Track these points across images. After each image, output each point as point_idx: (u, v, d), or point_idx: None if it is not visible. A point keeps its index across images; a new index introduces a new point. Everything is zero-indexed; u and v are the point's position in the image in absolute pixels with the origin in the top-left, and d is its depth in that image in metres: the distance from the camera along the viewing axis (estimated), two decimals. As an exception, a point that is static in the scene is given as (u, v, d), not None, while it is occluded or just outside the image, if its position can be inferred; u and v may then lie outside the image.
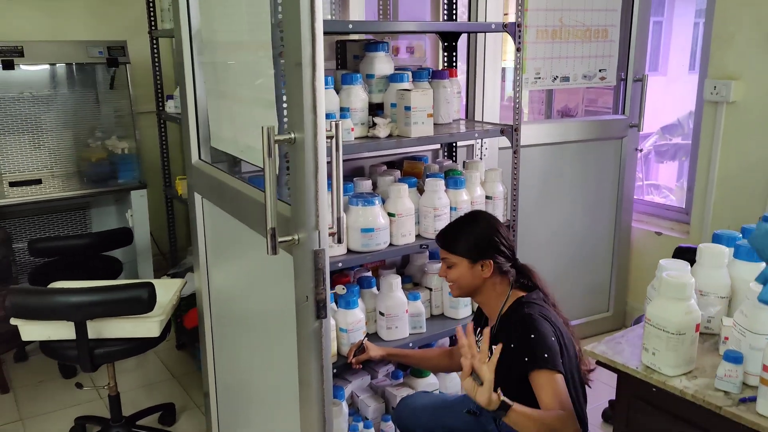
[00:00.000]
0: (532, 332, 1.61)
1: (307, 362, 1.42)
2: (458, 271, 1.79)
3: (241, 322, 1.97)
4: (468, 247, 1.77)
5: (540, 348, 1.59)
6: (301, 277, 1.40)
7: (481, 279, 1.77)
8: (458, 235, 1.79)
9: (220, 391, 2.22)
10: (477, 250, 1.76)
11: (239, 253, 1.88)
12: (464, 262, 1.77)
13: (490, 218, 1.86)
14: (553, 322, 1.68)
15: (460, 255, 1.78)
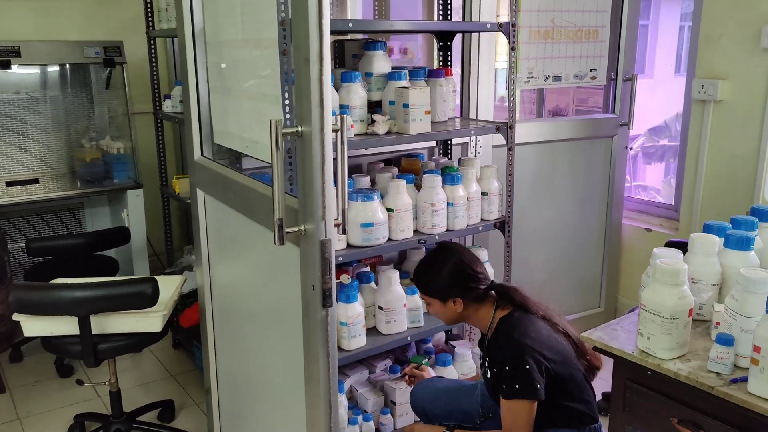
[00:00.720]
0: (507, 362, 1.66)
1: (314, 350, 1.46)
2: (434, 308, 1.87)
3: (244, 317, 2.01)
4: (435, 288, 1.83)
5: (513, 379, 1.64)
6: (308, 267, 1.43)
7: (458, 313, 1.84)
8: (425, 277, 1.87)
9: (222, 387, 2.25)
10: (444, 290, 1.81)
11: (243, 247, 1.91)
12: (436, 301, 1.85)
13: (453, 253, 1.86)
14: (535, 339, 1.69)
15: (430, 296, 1.86)
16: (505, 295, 1.80)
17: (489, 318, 1.81)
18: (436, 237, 2.28)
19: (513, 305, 1.79)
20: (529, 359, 1.63)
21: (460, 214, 2.31)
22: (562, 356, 1.71)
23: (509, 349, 1.67)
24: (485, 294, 1.82)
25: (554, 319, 1.79)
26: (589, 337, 1.47)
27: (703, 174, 2.97)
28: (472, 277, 1.81)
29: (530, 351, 1.64)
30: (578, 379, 1.75)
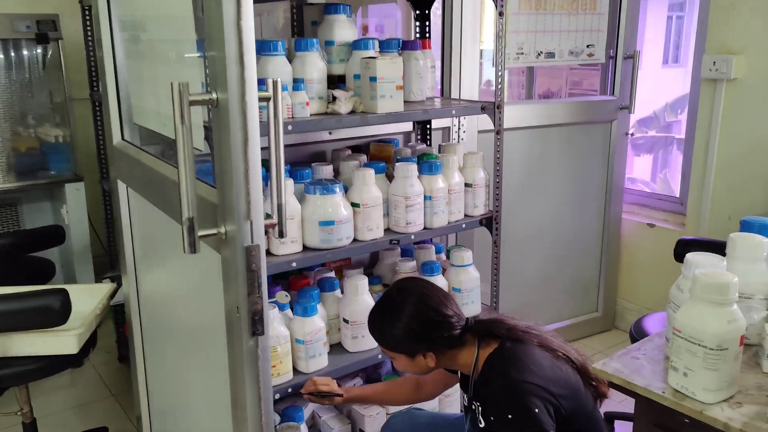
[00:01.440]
0: (508, 409, 1.32)
1: (240, 390, 1.10)
2: (401, 364, 1.51)
3: (174, 335, 1.64)
4: (396, 343, 1.47)
5: (518, 428, 1.31)
6: (231, 283, 1.07)
7: (430, 367, 1.48)
8: (382, 330, 1.50)
9: (155, 415, 1.88)
10: (409, 345, 1.46)
11: (169, 252, 1.55)
12: (401, 357, 1.49)
13: (413, 295, 1.47)
14: (537, 374, 1.35)
15: (393, 351, 1.50)
16: (487, 331, 1.46)
17: (472, 359, 1.46)
18: (412, 236, 1.92)
19: (499, 337, 1.44)
20: (535, 400, 1.29)
21: (440, 209, 1.95)
22: (570, 389, 1.37)
23: (508, 392, 1.33)
24: (462, 336, 1.46)
25: (552, 345, 1.44)
26: (603, 371, 1.13)
27: (714, 162, 2.63)
28: (440, 324, 1.44)
29: (535, 390, 1.31)
30: (589, 411, 1.41)
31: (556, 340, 1.46)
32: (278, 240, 1.70)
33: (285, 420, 1.89)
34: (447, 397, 2.16)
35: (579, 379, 1.42)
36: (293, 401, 2.06)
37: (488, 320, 1.47)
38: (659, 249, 2.93)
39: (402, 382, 1.80)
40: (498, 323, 1.44)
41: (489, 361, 1.42)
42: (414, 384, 1.76)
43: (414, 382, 1.76)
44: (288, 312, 1.87)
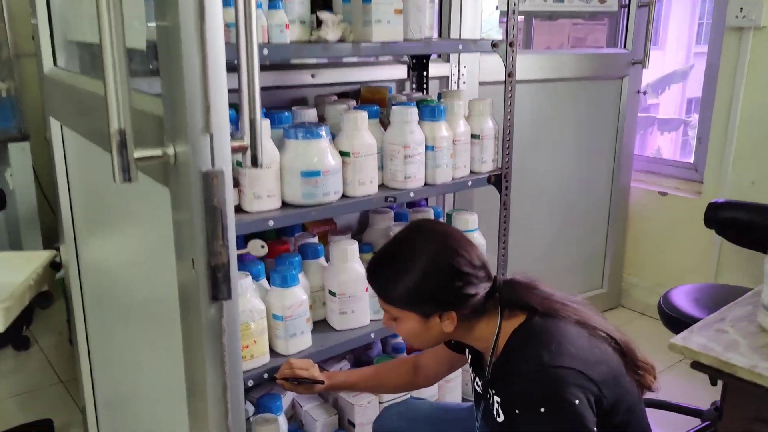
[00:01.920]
0: (541, 401, 1.02)
1: (198, 375, 0.79)
2: (406, 326, 1.17)
3: (122, 310, 1.32)
4: (409, 297, 1.13)
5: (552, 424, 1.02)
6: (183, 227, 0.76)
7: (444, 333, 1.16)
8: (391, 280, 1.15)
9: (102, 406, 1.57)
10: (427, 301, 1.13)
11: (112, 206, 1.22)
12: (411, 316, 1.15)
13: (437, 236, 1.17)
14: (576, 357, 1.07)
15: (402, 308, 1.15)
16: (517, 298, 1.16)
17: (492, 333, 1.15)
18: (411, 194, 1.63)
19: (528, 309, 1.15)
20: (575, 390, 1.01)
21: (444, 162, 1.66)
22: (612, 374, 1.09)
23: (540, 379, 1.04)
24: (486, 301, 1.16)
25: (592, 321, 1.16)
26: (686, 347, 0.84)
27: (738, 122, 2.38)
28: (468, 278, 1.12)
29: (574, 377, 1.02)
30: (632, 402, 1.14)
31: (596, 316, 1.18)
32: (251, 192, 1.39)
33: (260, 411, 1.59)
34: (447, 383, 1.88)
35: (621, 363, 1.14)
36: (270, 388, 1.76)
37: (522, 284, 1.18)
38: (671, 220, 2.69)
39: (397, 365, 1.51)
40: (533, 290, 1.16)
41: (514, 337, 1.13)
42: (411, 367, 1.47)
43: (411, 365, 1.47)
44: (263, 282, 1.56)
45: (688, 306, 1.75)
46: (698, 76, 5.84)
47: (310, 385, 1.45)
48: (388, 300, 1.16)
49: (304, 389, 1.46)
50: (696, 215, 2.57)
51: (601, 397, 1.04)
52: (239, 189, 1.40)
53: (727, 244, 2.49)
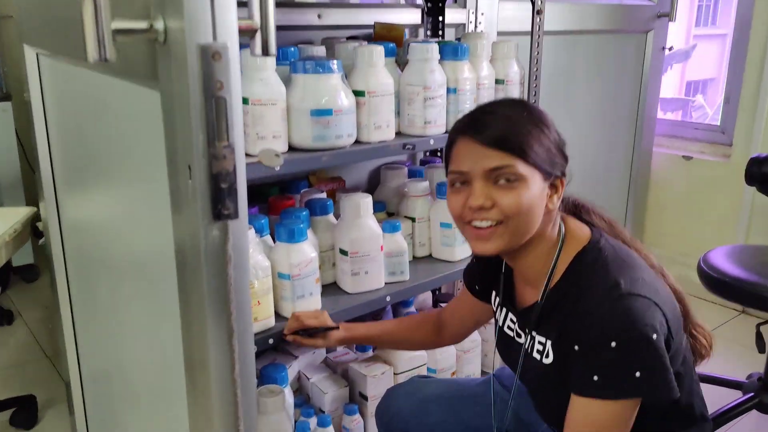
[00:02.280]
0: (615, 335, 0.86)
1: (198, 325, 0.64)
2: (527, 192, 0.92)
3: (111, 272, 1.15)
4: (545, 152, 0.93)
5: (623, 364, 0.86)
6: (178, 123, 0.60)
7: (542, 214, 0.96)
8: (531, 129, 0.93)
9: (88, 381, 1.41)
10: (556, 157, 0.95)
11: (96, 139, 1.05)
12: (537, 178, 0.93)
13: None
14: (651, 288, 0.92)
15: (533, 163, 0.92)
16: (581, 210, 1.03)
17: (555, 248, 0.98)
18: (431, 141, 1.47)
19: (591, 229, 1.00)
20: (654, 324, 0.86)
21: (467, 107, 1.49)
22: (677, 317, 0.95)
23: (613, 308, 0.87)
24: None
25: (652, 261, 1.02)
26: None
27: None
28: (565, 157, 0.98)
29: (652, 310, 0.87)
30: (688, 357, 1.00)
31: (657, 261, 1.03)
32: (254, 133, 1.22)
33: (264, 382, 1.44)
34: (466, 353, 1.73)
35: (681, 314, 0.99)
36: (273, 358, 1.60)
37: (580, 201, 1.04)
38: (695, 185, 2.54)
39: (421, 320, 1.34)
40: (596, 211, 1.03)
41: (579, 260, 0.95)
42: (436, 322, 1.31)
43: (435, 321, 1.31)
44: (267, 239, 1.40)
45: (730, 267, 1.61)
46: (699, 57, 5.68)
47: (323, 335, 1.28)
48: (521, 152, 0.92)
49: (321, 341, 1.29)
50: (724, 179, 2.42)
51: (669, 337, 0.89)
52: (240, 129, 1.23)
53: (758, 207, 2.34)
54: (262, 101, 1.22)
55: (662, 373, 0.87)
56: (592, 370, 0.87)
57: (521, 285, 1.06)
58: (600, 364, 0.86)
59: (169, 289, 0.70)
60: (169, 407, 0.87)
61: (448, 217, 1.62)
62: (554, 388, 0.96)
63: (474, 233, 0.94)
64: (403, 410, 1.21)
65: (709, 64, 8.12)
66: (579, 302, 0.91)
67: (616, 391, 0.86)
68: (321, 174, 1.81)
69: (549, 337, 0.97)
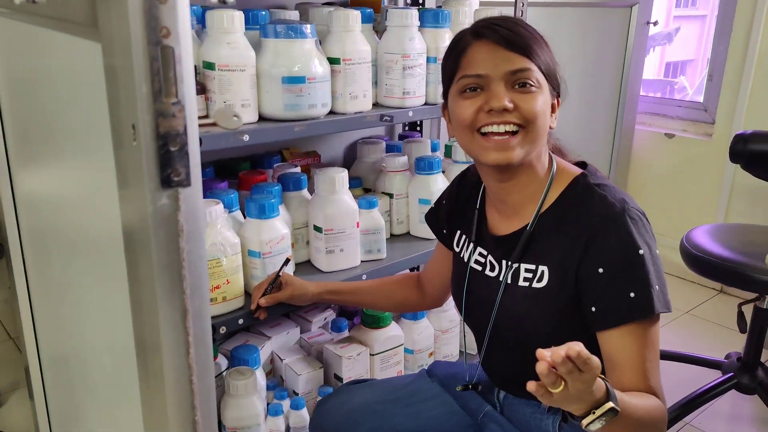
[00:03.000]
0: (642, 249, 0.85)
1: (148, 307, 0.57)
2: (542, 98, 0.91)
3: (66, 250, 1.07)
4: (552, 64, 0.94)
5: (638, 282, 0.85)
6: (120, 77, 0.53)
7: (548, 130, 0.95)
8: (539, 40, 0.93)
9: (48, 365, 1.34)
10: (558, 76, 0.96)
11: (45, 107, 0.97)
12: (547, 88, 0.93)
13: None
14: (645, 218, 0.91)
15: (546, 74, 0.92)
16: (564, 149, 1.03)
17: (547, 174, 0.97)
18: (409, 113, 1.40)
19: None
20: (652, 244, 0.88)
21: (448, 78, 1.42)
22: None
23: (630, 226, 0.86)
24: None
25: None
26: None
27: (756, 55, 2.19)
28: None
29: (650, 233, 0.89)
30: None
31: None
32: (222, 100, 1.14)
33: (235, 364, 1.38)
34: (444, 333, 1.69)
35: None
36: (245, 339, 1.54)
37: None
38: (676, 163, 2.51)
39: (402, 279, 1.28)
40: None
41: (577, 185, 0.94)
42: (416, 283, 1.26)
43: (416, 282, 1.26)
44: (237, 214, 1.33)
45: (713, 245, 1.58)
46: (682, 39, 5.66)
47: (298, 288, 1.20)
48: (538, 59, 0.91)
49: (290, 293, 1.20)
50: (705, 157, 2.40)
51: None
52: (206, 96, 1.16)
53: (738, 185, 2.33)
54: (230, 66, 1.14)
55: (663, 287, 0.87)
56: (628, 287, 0.84)
57: (496, 217, 1.02)
58: (636, 277, 0.84)
59: (120, 266, 0.64)
60: (124, 393, 0.81)
61: (427, 194, 1.57)
62: (538, 310, 0.93)
63: (492, 142, 0.90)
64: (329, 426, 1.15)
65: (689, 46, 8.14)
66: (589, 225, 0.87)
67: (654, 304, 0.84)
68: (295, 149, 1.74)
69: (542, 262, 0.92)
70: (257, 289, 1.22)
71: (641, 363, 0.85)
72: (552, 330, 0.92)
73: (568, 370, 0.68)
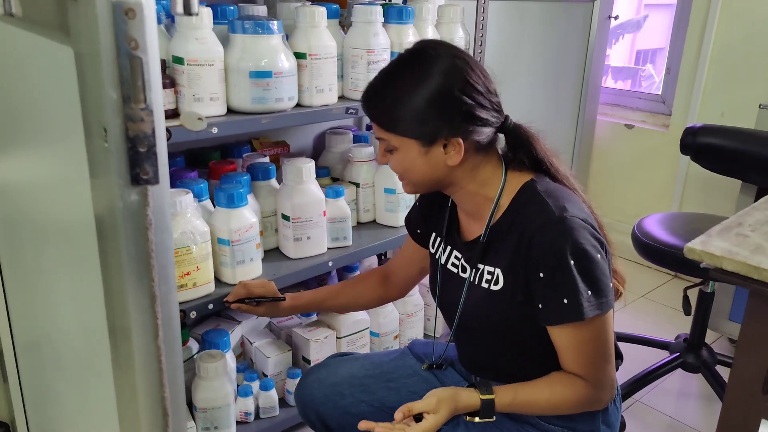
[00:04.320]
0: (573, 256, 0.90)
1: (118, 297, 0.63)
2: (403, 158, 0.98)
3: (37, 237, 1.11)
4: (414, 118, 0.94)
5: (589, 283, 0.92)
6: (90, 84, 0.58)
7: (446, 168, 0.98)
8: (394, 97, 0.95)
9: (21, 350, 1.37)
10: (432, 123, 0.94)
11: (17, 103, 1.00)
12: (412, 145, 0.96)
13: (449, 53, 0.96)
14: (587, 213, 0.97)
15: (402, 134, 0.96)
16: (524, 144, 1.01)
17: (498, 182, 1.00)
18: (374, 106, 1.45)
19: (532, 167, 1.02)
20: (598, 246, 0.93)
21: (411, 72, 1.48)
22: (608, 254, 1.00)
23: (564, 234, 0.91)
24: (493, 140, 1.00)
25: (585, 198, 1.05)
26: (706, 251, 0.72)
27: (710, 52, 2.28)
28: (481, 97, 0.95)
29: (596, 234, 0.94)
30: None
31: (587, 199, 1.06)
32: (191, 94, 1.19)
33: (206, 348, 1.44)
34: (409, 317, 1.77)
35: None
36: (216, 324, 1.60)
37: (530, 133, 1.02)
38: (636, 153, 2.61)
39: (365, 278, 1.33)
40: (536, 140, 1.01)
41: (525, 192, 0.98)
42: (380, 278, 1.31)
43: (379, 276, 1.31)
44: (207, 203, 1.38)
45: (662, 233, 1.67)
46: (651, 27, 5.77)
47: (271, 305, 1.28)
48: (388, 125, 0.96)
49: (265, 309, 1.29)
50: (662, 148, 2.50)
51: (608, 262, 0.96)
52: (176, 90, 1.20)
53: (692, 177, 2.44)
54: (199, 61, 1.18)
55: (608, 287, 0.93)
56: (560, 294, 0.91)
57: (466, 220, 1.08)
58: (566, 286, 0.90)
59: (91, 255, 0.68)
60: (96, 376, 0.86)
61: (393, 183, 1.64)
62: (498, 311, 1.00)
63: None
64: (316, 397, 1.20)
65: (659, 34, 8.30)
66: (529, 230, 0.94)
67: (583, 311, 0.90)
68: (264, 139, 1.78)
69: (498, 265, 0.99)
70: (241, 288, 1.28)
71: (579, 355, 0.95)
72: (513, 324, 0.99)
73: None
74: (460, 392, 1.00)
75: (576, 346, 0.95)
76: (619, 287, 1.09)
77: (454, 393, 0.99)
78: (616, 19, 2.55)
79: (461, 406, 0.99)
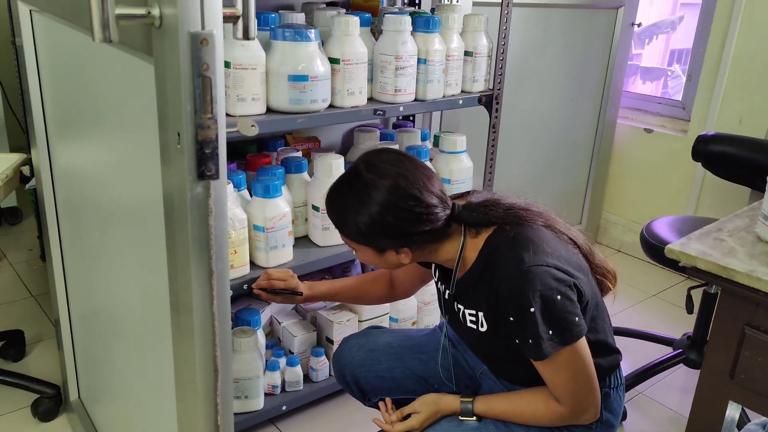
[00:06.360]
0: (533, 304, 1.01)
1: (183, 265, 0.75)
2: (363, 256, 1.14)
3: (101, 218, 1.26)
4: (362, 235, 1.09)
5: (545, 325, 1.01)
6: (170, 95, 0.71)
7: (400, 264, 1.13)
8: (344, 215, 1.10)
9: (77, 320, 1.53)
10: (378, 238, 1.09)
11: (91, 94, 1.14)
12: (367, 249, 1.12)
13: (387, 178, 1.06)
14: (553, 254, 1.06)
15: (356, 242, 1.12)
16: (479, 219, 1.11)
17: (456, 251, 1.12)
18: (400, 108, 1.57)
19: (495, 223, 1.11)
20: (559, 286, 1.01)
21: (436, 77, 1.60)
22: (583, 273, 1.10)
23: (524, 280, 1.01)
24: (446, 228, 1.11)
25: (557, 225, 1.15)
26: (683, 252, 0.83)
27: (731, 58, 2.35)
28: (421, 216, 1.06)
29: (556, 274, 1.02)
30: (599, 299, 1.16)
31: (560, 219, 1.17)
32: (235, 94, 1.32)
33: (239, 325, 1.58)
34: (426, 305, 1.89)
35: (587, 266, 1.14)
36: (248, 303, 1.74)
37: (480, 205, 1.12)
38: (654, 157, 2.68)
39: (376, 277, 1.46)
40: (493, 205, 1.11)
41: (487, 249, 1.10)
42: (387, 280, 1.44)
43: (387, 278, 1.44)
44: (245, 193, 1.51)
45: (670, 235, 1.76)
46: (686, 28, 5.76)
47: (288, 296, 1.42)
48: (343, 233, 1.13)
49: (282, 299, 1.43)
50: (680, 153, 2.57)
51: (580, 291, 1.04)
52: (222, 90, 1.33)
53: (708, 182, 2.50)
54: (243, 65, 1.31)
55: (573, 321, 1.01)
56: (527, 336, 1.02)
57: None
58: (530, 330, 1.01)
59: (157, 236, 0.82)
60: (154, 341, 1.00)
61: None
62: (493, 348, 1.14)
63: None
64: (354, 360, 1.34)
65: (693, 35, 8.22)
66: (495, 282, 1.05)
67: (543, 351, 1.01)
68: (298, 134, 1.91)
69: (479, 309, 1.11)
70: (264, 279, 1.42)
71: (554, 385, 1.07)
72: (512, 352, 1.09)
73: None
74: (443, 397, 1.18)
75: (550, 377, 1.06)
76: (609, 285, 1.20)
77: (437, 398, 1.18)
78: (639, 27, 2.61)
79: (443, 408, 1.17)
